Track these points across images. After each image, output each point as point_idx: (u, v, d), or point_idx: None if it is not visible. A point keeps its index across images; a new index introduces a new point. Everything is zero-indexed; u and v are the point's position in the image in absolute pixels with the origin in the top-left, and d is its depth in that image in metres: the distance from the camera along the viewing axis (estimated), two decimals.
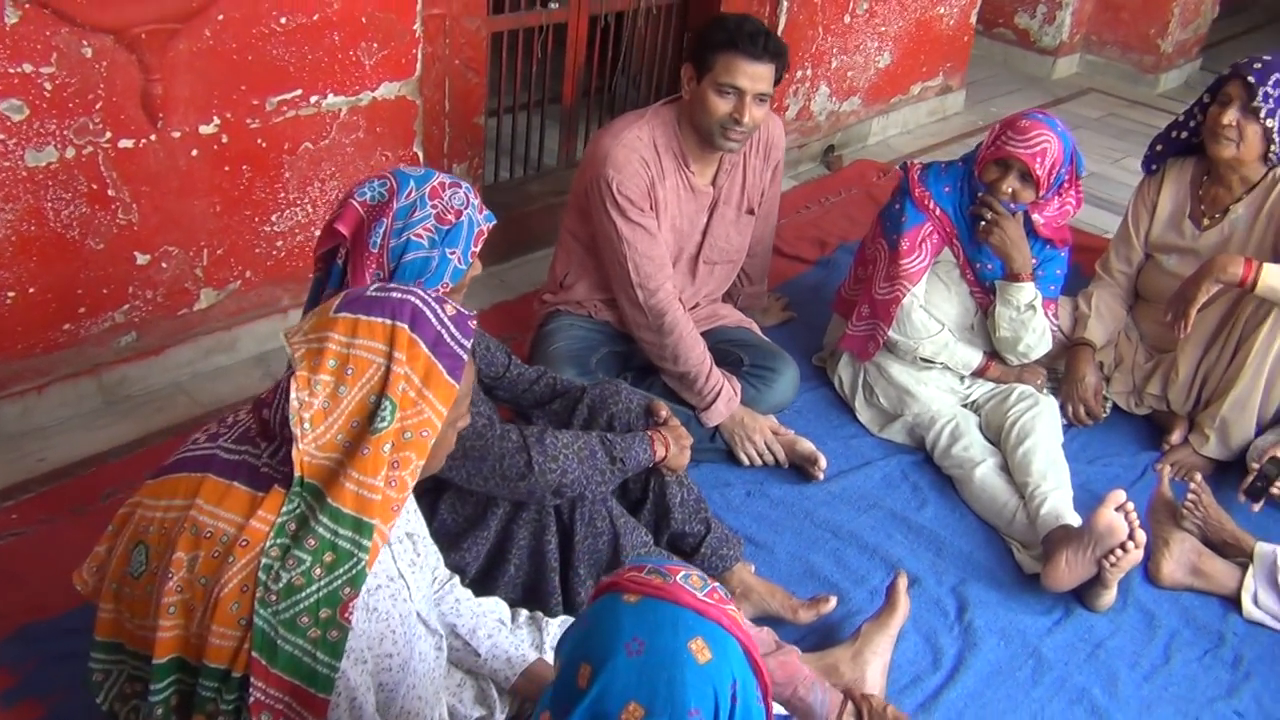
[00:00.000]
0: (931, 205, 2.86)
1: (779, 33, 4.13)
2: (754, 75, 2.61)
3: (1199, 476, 2.63)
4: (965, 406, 2.93)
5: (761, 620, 2.27)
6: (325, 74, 2.84)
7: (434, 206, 1.90)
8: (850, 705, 1.65)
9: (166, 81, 2.55)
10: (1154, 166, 3.09)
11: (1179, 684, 2.30)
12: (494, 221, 2.00)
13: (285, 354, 1.57)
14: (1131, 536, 2.32)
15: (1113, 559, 2.33)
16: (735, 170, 2.89)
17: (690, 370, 2.72)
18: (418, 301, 1.53)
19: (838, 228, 4.10)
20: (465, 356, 1.53)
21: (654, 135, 2.75)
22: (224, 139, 2.72)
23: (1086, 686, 2.26)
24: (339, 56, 2.85)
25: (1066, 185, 2.81)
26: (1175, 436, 2.98)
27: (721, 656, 1.14)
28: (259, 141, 2.79)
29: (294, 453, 1.47)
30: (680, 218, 2.83)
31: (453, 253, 1.92)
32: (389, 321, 1.51)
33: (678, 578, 1.20)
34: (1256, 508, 2.70)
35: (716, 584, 1.22)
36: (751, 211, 2.97)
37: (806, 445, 2.75)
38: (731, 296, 3.18)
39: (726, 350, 2.87)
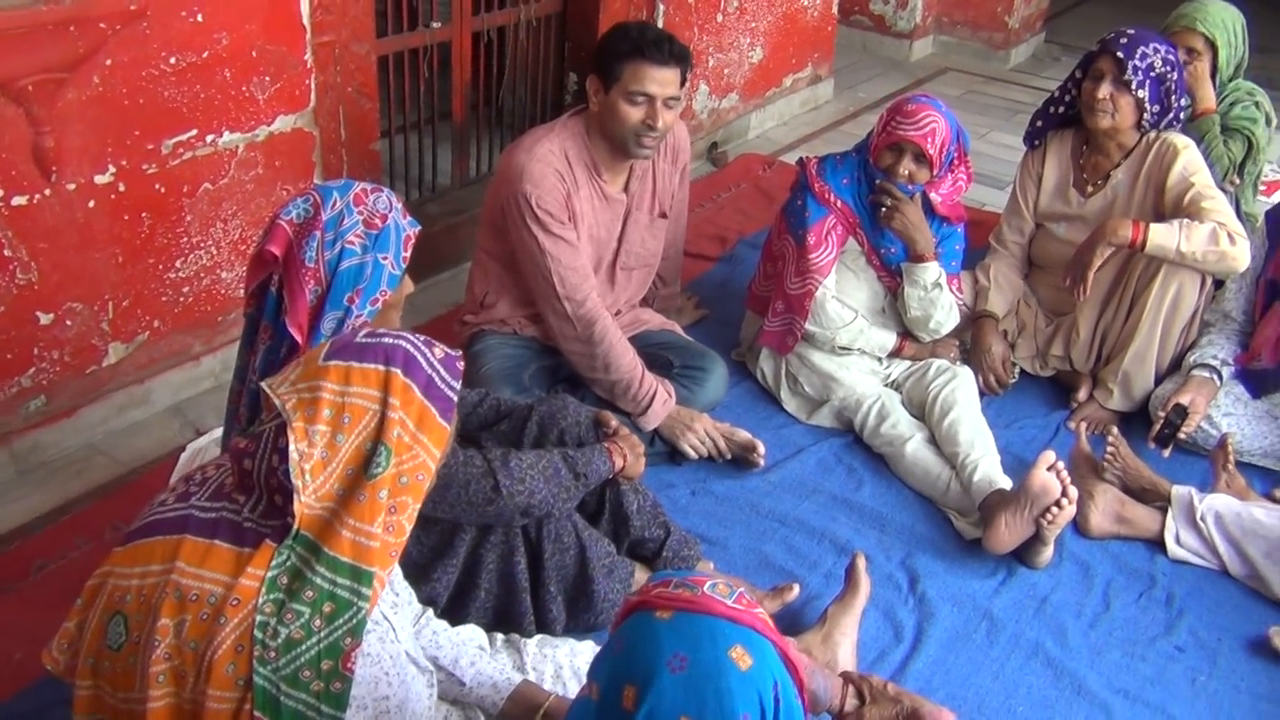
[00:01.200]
0: (833, 198, 2.95)
1: None
2: (662, 80, 2.65)
3: (1115, 430, 2.77)
4: (887, 386, 3.02)
5: None
6: (219, 112, 2.77)
7: (360, 213, 1.90)
8: (851, 688, 1.70)
9: (57, 133, 2.45)
10: (1036, 141, 3.24)
11: (1121, 628, 2.43)
12: (419, 227, 2.00)
13: (202, 402, 1.54)
14: (1065, 493, 2.43)
15: (1049, 516, 2.44)
16: (646, 176, 2.92)
17: (623, 377, 2.75)
18: (408, 346, 1.52)
19: (734, 223, 4.18)
20: (455, 398, 1.53)
21: (565, 148, 2.76)
22: (121, 187, 2.62)
23: (1039, 640, 2.37)
24: (232, 93, 2.78)
25: (957, 162, 2.93)
26: (1081, 394, 3.13)
27: (761, 660, 1.17)
28: (157, 187, 2.70)
29: (295, 505, 1.44)
30: (597, 227, 2.85)
31: (385, 258, 1.92)
32: (382, 367, 1.50)
33: (705, 588, 1.22)
34: (1166, 453, 2.86)
35: (740, 588, 1.25)
36: (664, 215, 3.01)
37: (743, 434, 2.81)
38: (647, 300, 3.21)
39: (655, 354, 2.91)
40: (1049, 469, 2.45)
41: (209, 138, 2.77)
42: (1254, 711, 2.25)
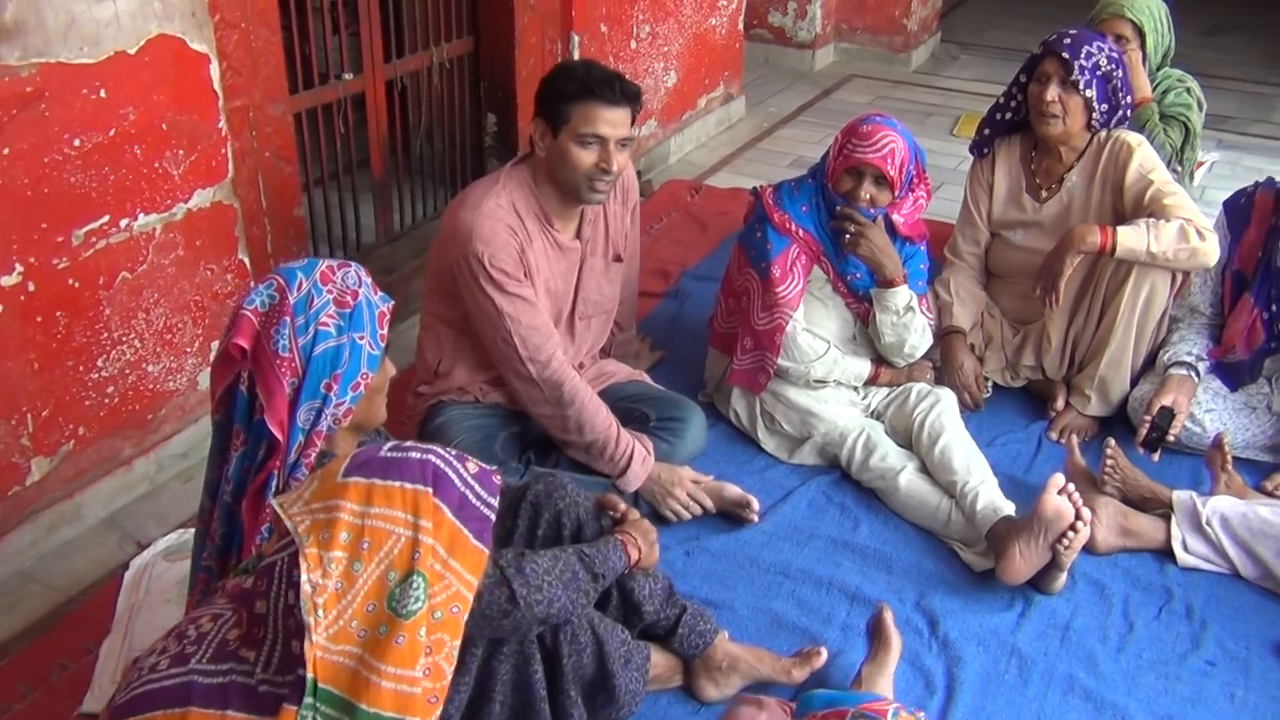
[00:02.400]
0: (793, 227, 2.83)
1: None
2: (614, 121, 2.50)
3: (1112, 441, 2.70)
4: (868, 416, 2.92)
5: (754, 688, 2.16)
6: (132, 193, 2.53)
7: (329, 291, 1.75)
8: None
9: None
10: (984, 150, 3.17)
11: (1149, 648, 2.35)
12: (391, 302, 1.84)
13: (139, 510, 1.36)
14: (1079, 516, 2.35)
15: (1066, 541, 2.35)
16: (598, 220, 2.77)
17: (598, 438, 2.58)
18: (438, 461, 1.35)
19: (674, 255, 4.04)
20: (492, 517, 1.36)
21: (513, 200, 2.59)
22: (30, 287, 2.37)
23: (1072, 673, 2.27)
24: (144, 171, 2.54)
25: (916, 180, 2.84)
26: (1059, 403, 3.07)
27: None
28: (71, 282, 2.45)
29: (305, 647, 1.24)
30: (553, 278, 2.69)
31: (361, 338, 1.77)
32: (410, 485, 1.32)
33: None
34: (1156, 457, 2.81)
35: (919, 711, 1.10)
36: (619, 259, 2.86)
37: (733, 490, 2.67)
38: (604, 348, 3.06)
39: (628, 408, 2.75)
40: (1059, 492, 2.36)
41: (123, 222, 2.52)
42: None
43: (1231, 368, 2.92)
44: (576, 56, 4.02)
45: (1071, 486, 2.38)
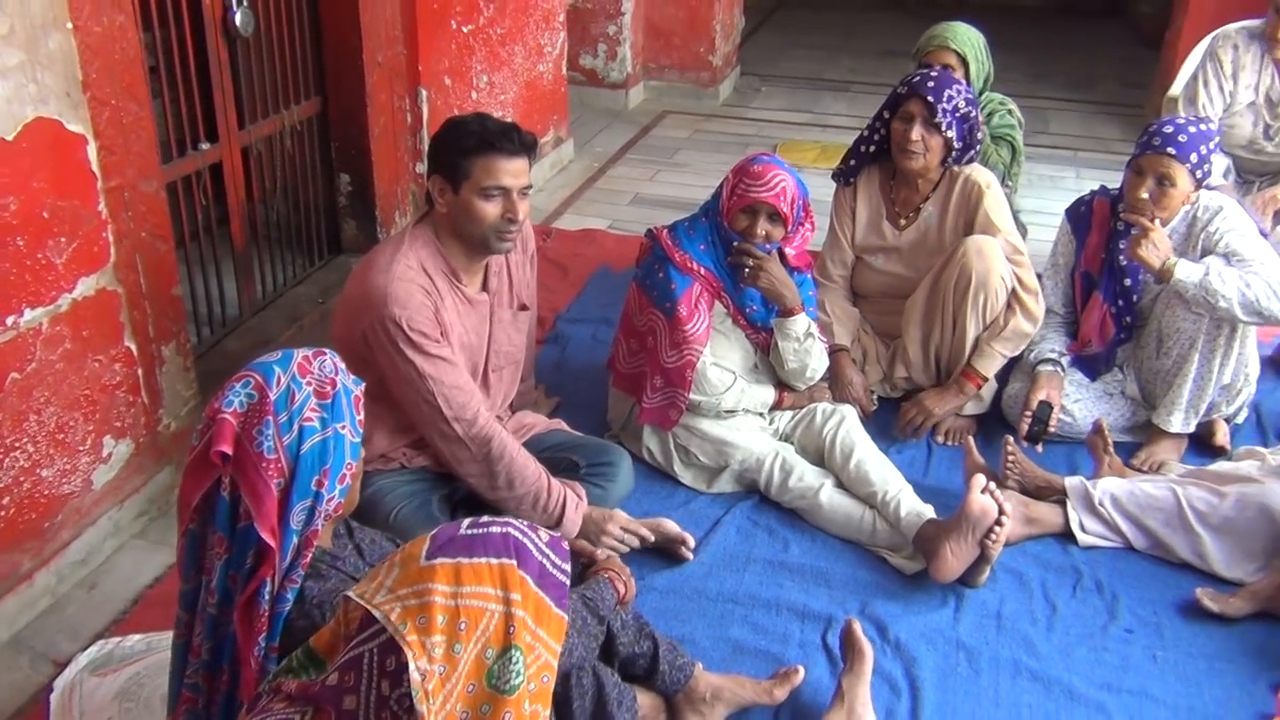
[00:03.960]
0: (695, 266, 2.92)
1: (425, 124, 4.02)
2: (515, 171, 2.52)
3: (1010, 439, 2.91)
4: (777, 439, 3.03)
5: (735, 716, 2.22)
6: (16, 288, 2.36)
7: (309, 383, 1.71)
8: None
9: None
10: (850, 179, 3.36)
11: (1074, 624, 2.55)
12: (363, 384, 1.81)
13: (46, 625, 1.32)
14: (1002, 511, 2.53)
15: (993, 536, 2.52)
16: (502, 271, 2.78)
17: (529, 490, 2.59)
18: (516, 533, 1.35)
19: (542, 300, 4.01)
20: (568, 583, 1.37)
21: (421, 260, 2.57)
22: None
23: (1015, 658, 2.44)
24: (28, 263, 2.37)
25: (804, 215, 3.00)
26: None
27: None
28: None
29: None
30: (466, 334, 2.68)
31: (343, 427, 1.73)
32: (496, 560, 1.32)
33: None
34: (1040, 448, 3.05)
35: None
36: (524, 307, 2.88)
37: (671, 526, 2.72)
38: (512, 401, 3.05)
39: (556, 457, 2.76)
40: (983, 491, 2.53)
41: (9, 320, 2.35)
42: (1212, 672, 2.42)
43: (1089, 360, 3.21)
44: (425, 111, 4.00)
45: (993, 485, 2.56)
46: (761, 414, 3.05)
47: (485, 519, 1.39)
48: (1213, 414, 3.14)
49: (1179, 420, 3.07)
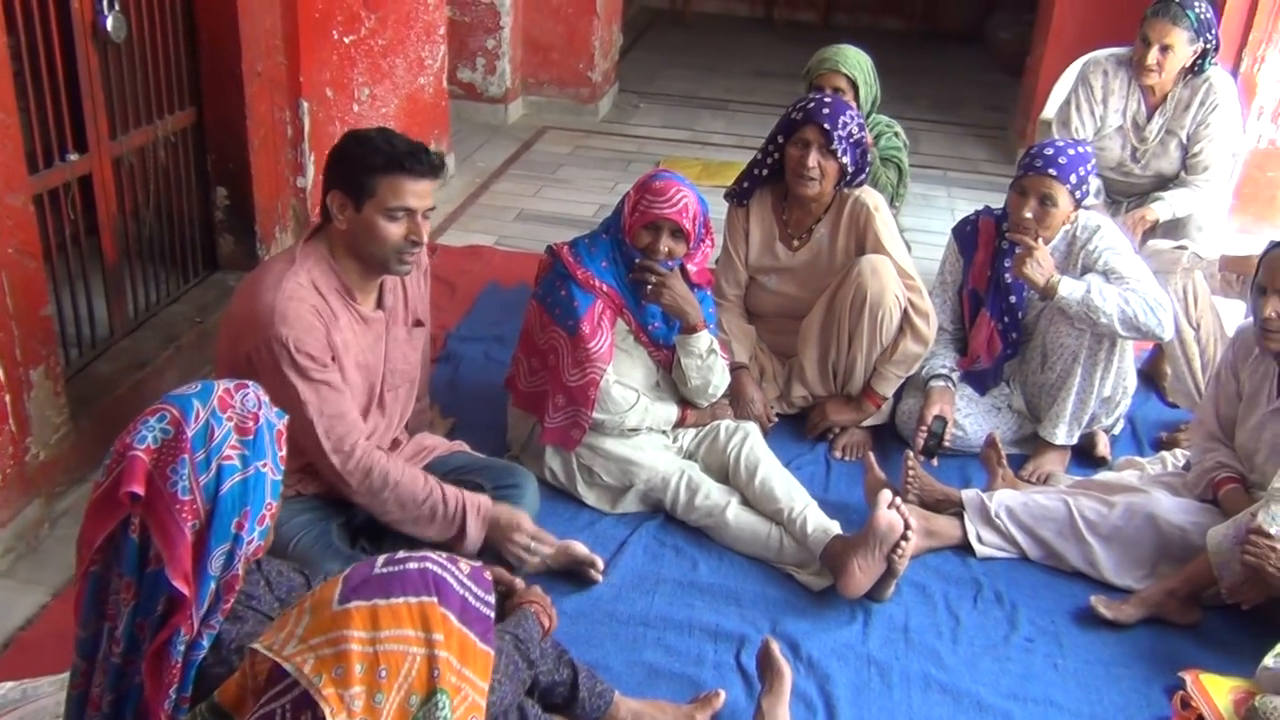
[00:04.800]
0: (597, 283, 2.89)
1: (306, 136, 3.89)
2: (421, 193, 2.45)
3: (910, 454, 2.96)
4: (681, 457, 3.01)
5: None
6: None
7: (230, 418, 1.62)
8: None
9: None
10: (744, 200, 3.37)
11: (977, 636, 2.60)
12: (286, 418, 1.72)
13: None
14: (907, 525, 2.56)
15: (899, 551, 2.56)
16: (397, 288, 2.70)
17: (422, 510, 2.49)
18: (435, 568, 1.29)
19: (432, 318, 3.91)
20: (492, 615, 1.31)
21: (313, 278, 2.47)
22: None
23: (925, 671, 2.47)
24: None
25: (705, 232, 3.00)
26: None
27: None
28: None
29: None
30: (362, 353, 2.58)
31: (264, 465, 1.66)
32: (415, 599, 1.26)
33: None
34: (935, 462, 3.12)
35: None
36: (419, 324, 2.80)
37: (580, 548, 2.67)
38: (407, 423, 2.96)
39: (459, 480, 2.67)
40: (889, 506, 2.57)
41: None
42: (1109, 677, 2.50)
43: (978, 375, 3.30)
44: (306, 124, 3.87)
45: (898, 500, 2.59)
46: (665, 432, 3.03)
47: (401, 555, 1.33)
48: (1093, 426, 3.26)
49: (1064, 433, 3.18)
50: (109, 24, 3.04)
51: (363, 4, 4.16)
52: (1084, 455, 3.30)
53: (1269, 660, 2.34)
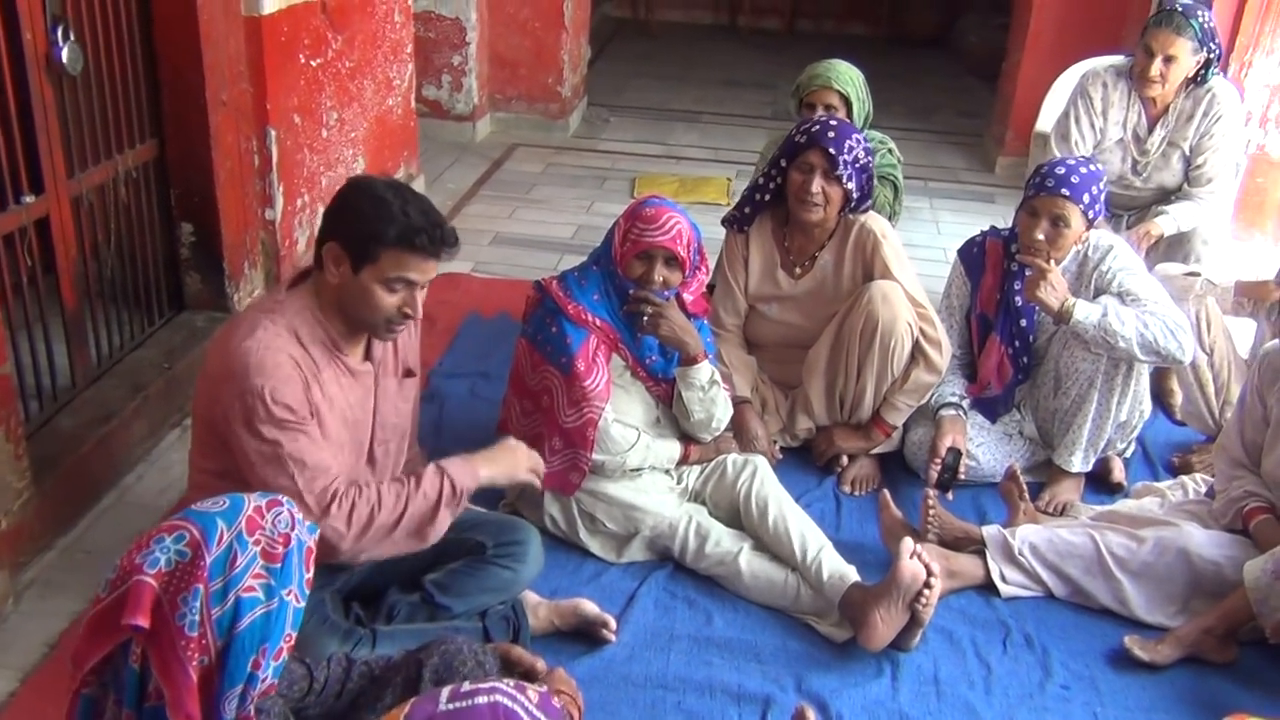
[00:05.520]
0: (590, 318, 2.74)
1: (274, 166, 3.70)
2: (427, 270, 2.25)
3: (931, 492, 2.83)
4: (686, 497, 2.87)
5: None
6: None
7: (256, 542, 1.44)
8: None
9: None
10: (745, 227, 3.23)
11: (1011, 685, 2.48)
12: (317, 533, 1.55)
13: None
14: (930, 573, 2.43)
15: (924, 600, 2.43)
16: None
17: (410, 519, 2.25)
18: (505, 700, 1.16)
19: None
20: None
21: (295, 328, 2.27)
22: None
23: None
24: None
25: (700, 259, 2.86)
26: (844, 456, 3.19)
27: None
28: None
29: None
30: (350, 408, 2.39)
31: (289, 593, 1.47)
32: None
33: None
34: (950, 496, 3.00)
35: None
36: (410, 373, 2.62)
37: (590, 607, 2.52)
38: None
39: (459, 539, 2.50)
40: (911, 555, 2.44)
41: None
42: None
43: (989, 402, 3.18)
44: (274, 153, 3.68)
45: (920, 547, 2.47)
46: (668, 470, 2.88)
47: (466, 688, 1.18)
48: (1108, 451, 3.15)
49: (1080, 460, 3.07)
50: (64, 55, 2.85)
51: (329, 25, 3.98)
52: (1099, 481, 3.19)
53: None
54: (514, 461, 2.43)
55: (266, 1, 3.48)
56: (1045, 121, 4.16)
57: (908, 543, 2.47)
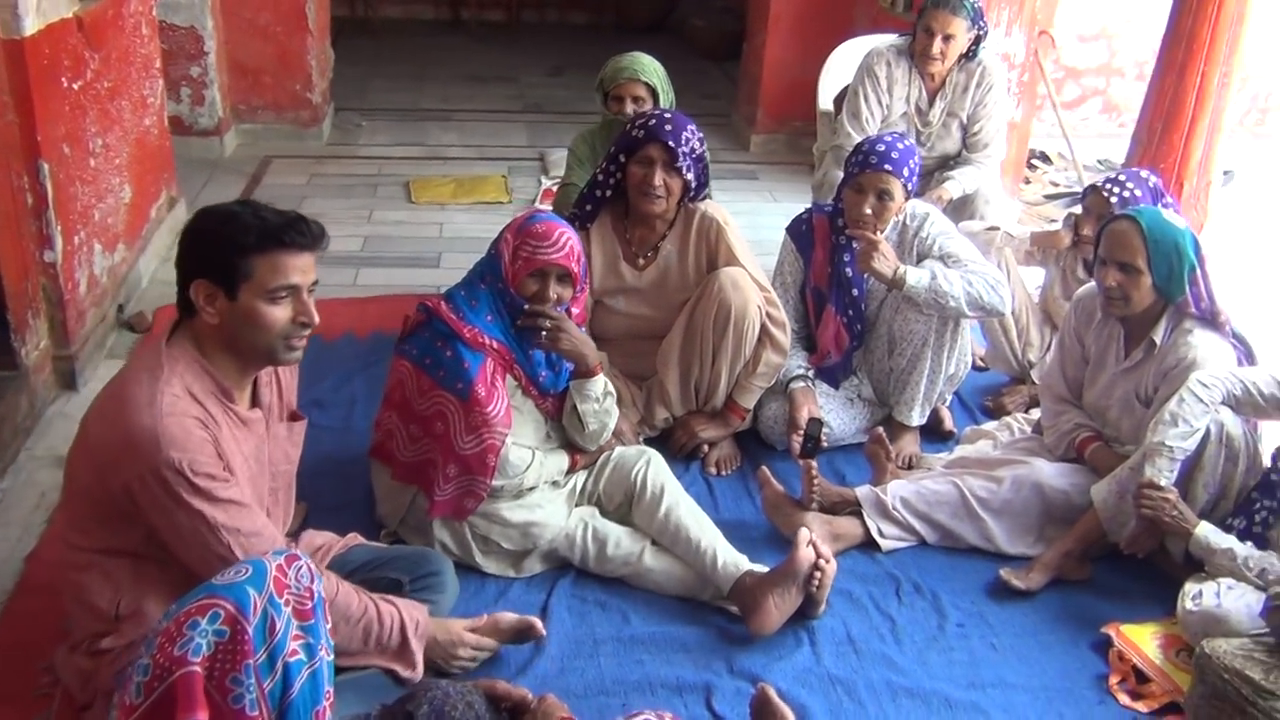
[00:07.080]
0: (486, 340, 2.67)
1: (51, 204, 3.35)
2: (304, 267, 2.12)
3: (812, 464, 2.94)
4: (575, 498, 2.85)
5: None
6: None
7: (287, 603, 1.40)
8: None
9: None
10: (586, 225, 3.23)
11: (916, 632, 2.65)
12: (322, 580, 1.46)
13: None
14: (824, 557, 2.56)
15: (817, 580, 2.55)
16: (270, 381, 2.36)
17: (356, 630, 2.18)
18: None
19: None
20: None
21: (186, 385, 2.10)
22: None
23: (886, 679, 2.48)
24: None
25: (587, 272, 2.87)
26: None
27: None
28: None
29: None
30: (245, 461, 2.23)
31: (323, 649, 1.39)
32: None
33: None
34: (815, 463, 3.13)
35: None
36: (296, 416, 2.47)
37: (509, 617, 2.46)
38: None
39: (373, 578, 2.40)
40: (808, 544, 2.55)
41: None
42: (1041, 646, 2.63)
43: (830, 370, 3.36)
44: (49, 189, 3.32)
45: (815, 535, 2.59)
46: (556, 481, 2.86)
47: None
48: (937, 403, 3.40)
49: (918, 414, 3.31)
50: None
51: (85, 43, 3.63)
52: (931, 432, 3.45)
53: (1188, 604, 2.52)
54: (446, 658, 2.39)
55: (27, 21, 3.12)
56: (825, 100, 4.40)
57: (804, 533, 2.58)
